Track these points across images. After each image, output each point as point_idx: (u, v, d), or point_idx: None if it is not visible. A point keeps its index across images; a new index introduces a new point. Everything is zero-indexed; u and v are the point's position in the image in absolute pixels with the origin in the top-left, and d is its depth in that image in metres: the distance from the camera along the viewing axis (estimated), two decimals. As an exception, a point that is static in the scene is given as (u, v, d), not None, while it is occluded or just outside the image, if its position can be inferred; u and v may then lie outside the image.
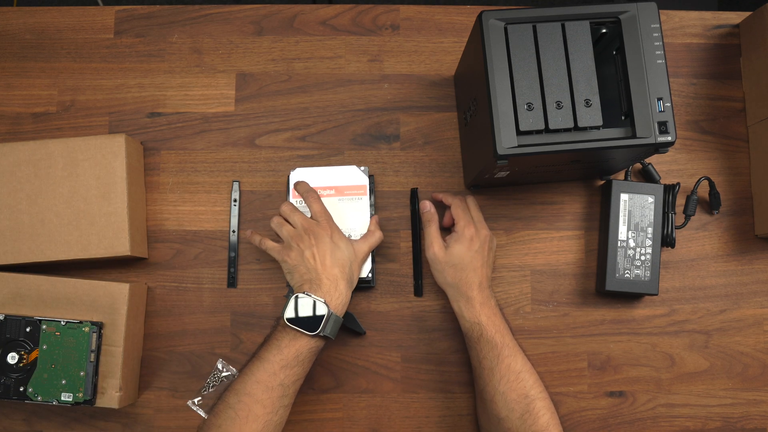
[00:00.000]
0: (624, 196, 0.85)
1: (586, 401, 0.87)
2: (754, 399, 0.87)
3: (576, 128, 0.69)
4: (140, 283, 0.86)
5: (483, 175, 0.79)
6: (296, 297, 0.74)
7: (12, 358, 0.77)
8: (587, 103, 0.68)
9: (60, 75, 0.90)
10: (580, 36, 0.69)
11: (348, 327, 0.84)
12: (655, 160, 0.89)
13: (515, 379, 0.74)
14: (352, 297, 0.80)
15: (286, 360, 0.72)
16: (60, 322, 0.78)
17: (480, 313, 0.77)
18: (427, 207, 0.83)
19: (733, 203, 0.90)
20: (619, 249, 0.84)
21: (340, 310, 0.76)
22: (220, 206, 0.89)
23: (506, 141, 0.67)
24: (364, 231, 0.85)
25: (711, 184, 0.88)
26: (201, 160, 0.89)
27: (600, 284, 0.86)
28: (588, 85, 0.69)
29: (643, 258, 0.84)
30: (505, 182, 0.85)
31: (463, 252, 0.79)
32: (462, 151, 0.89)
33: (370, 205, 0.86)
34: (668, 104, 0.69)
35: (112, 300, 0.80)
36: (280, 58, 0.91)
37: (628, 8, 0.70)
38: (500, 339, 0.76)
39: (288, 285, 0.85)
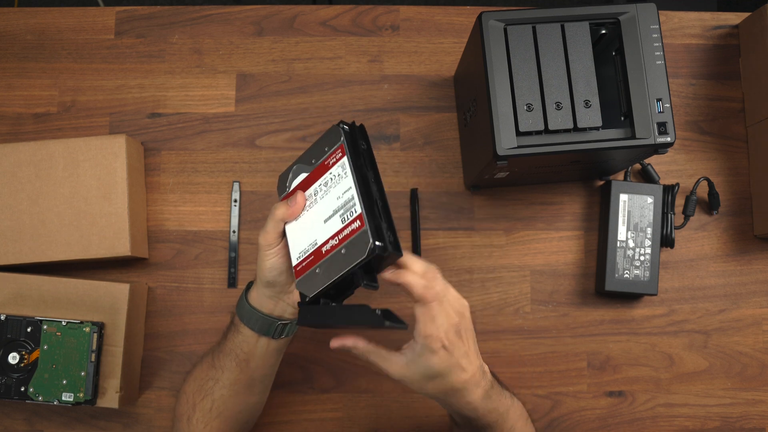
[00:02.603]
0: (623, 197, 0.85)
1: (586, 401, 0.87)
2: (752, 399, 0.87)
3: (575, 129, 0.69)
4: (141, 283, 0.86)
5: (483, 176, 0.79)
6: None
7: (13, 358, 0.78)
8: (587, 104, 0.69)
9: (61, 75, 0.90)
10: (580, 37, 0.69)
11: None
12: (654, 161, 0.89)
13: None
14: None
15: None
16: (61, 322, 0.78)
17: (485, 398, 0.62)
18: (350, 343, 0.60)
19: (732, 203, 0.90)
20: (618, 249, 0.84)
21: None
22: (221, 206, 0.89)
23: (506, 141, 0.68)
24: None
25: (710, 184, 0.89)
26: (201, 160, 0.89)
27: (599, 284, 0.86)
28: (587, 86, 0.69)
29: (642, 258, 0.84)
30: (505, 182, 0.85)
31: (437, 360, 0.58)
32: (462, 151, 0.89)
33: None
34: (667, 105, 0.69)
35: (112, 300, 0.80)
36: (281, 59, 0.91)
37: (628, 9, 0.70)
38: (500, 413, 0.65)
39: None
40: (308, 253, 0.60)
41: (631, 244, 0.84)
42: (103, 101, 0.90)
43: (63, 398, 0.77)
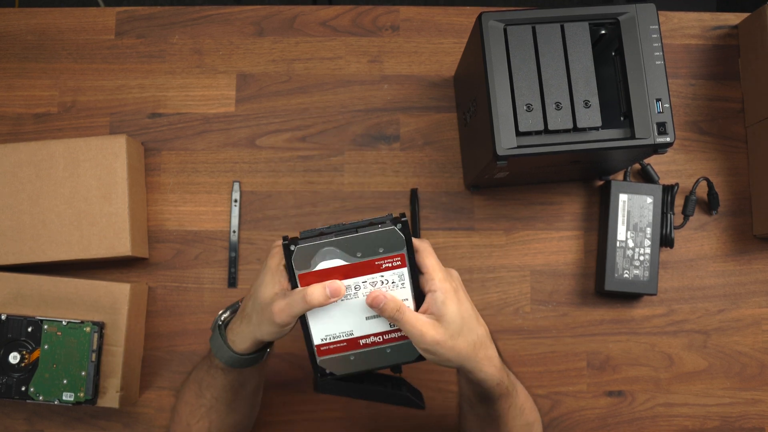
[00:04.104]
0: (623, 197, 0.85)
1: (585, 401, 0.87)
2: (752, 398, 0.88)
3: (575, 129, 0.69)
4: (141, 283, 0.86)
5: (483, 176, 0.79)
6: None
7: (14, 357, 0.78)
8: (586, 104, 0.69)
9: (61, 76, 0.91)
10: (580, 37, 0.70)
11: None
12: (653, 161, 0.89)
13: (519, 414, 0.67)
14: None
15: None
16: (61, 322, 0.78)
17: (501, 365, 0.63)
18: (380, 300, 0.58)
19: (732, 203, 0.90)
20: (618, 249, 0.84)
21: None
22: (221, 206, 0.89)
23: (506, 142, 0.68)
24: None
25: (709, 184, 0.89)
26: (202, 160, 0.89)
27: (599, 284, 0.86)
28: (587, 86, 0.69)
29: (641, 258, 0.84)
30: (505, 182, 0.85)
31: (459, 307, 0.59)
32: (462, 151, 0.89)
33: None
34: (667, 105, 0.69)
35: (113, 300, 0.80)
36: (281, 59, 0.91)
37: (627, 9, 0.70)
38: (510, 382, 0.65)
39: None
40: (340, 339, 0.61)
41: (630, 244, 0.85)
42: (104, 101, 0.90)
43: (63, 398, 0.78)
